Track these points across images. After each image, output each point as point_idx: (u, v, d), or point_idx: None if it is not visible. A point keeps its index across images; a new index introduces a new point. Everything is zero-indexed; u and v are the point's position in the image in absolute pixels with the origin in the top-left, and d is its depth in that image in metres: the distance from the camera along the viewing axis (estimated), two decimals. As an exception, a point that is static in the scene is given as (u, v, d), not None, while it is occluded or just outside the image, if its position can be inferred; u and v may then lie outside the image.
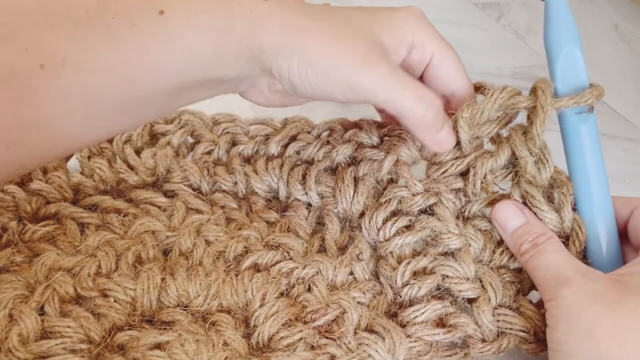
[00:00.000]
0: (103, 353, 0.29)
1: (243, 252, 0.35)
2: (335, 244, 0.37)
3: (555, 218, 0.33)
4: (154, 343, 0.30)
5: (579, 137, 0.33)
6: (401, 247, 0.35)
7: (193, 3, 0.28)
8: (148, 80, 0.28)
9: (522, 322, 0.32)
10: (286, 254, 0.35)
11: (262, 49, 0.30)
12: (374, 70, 0.30)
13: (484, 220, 0.36)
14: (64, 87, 0.26)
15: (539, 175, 0.33)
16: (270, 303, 0.32)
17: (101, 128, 0.29)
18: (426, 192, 0.36)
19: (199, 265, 0.34)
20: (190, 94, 0.31)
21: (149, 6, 0.28)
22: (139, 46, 0.27)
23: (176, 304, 0.32)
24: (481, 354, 0.32)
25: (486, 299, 0.32)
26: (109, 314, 0.31)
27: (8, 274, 0.32)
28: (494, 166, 0.34)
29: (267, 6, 0.30)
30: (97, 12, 0.27)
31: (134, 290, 0.32)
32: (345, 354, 0.30)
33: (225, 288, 0.33)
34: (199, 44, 0.28)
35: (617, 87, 0.64)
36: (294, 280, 0.34)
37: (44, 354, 0.29)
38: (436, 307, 0.32)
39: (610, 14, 0.79)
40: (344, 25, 0.31)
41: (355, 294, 0.33)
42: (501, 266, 0.34)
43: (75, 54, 0.26)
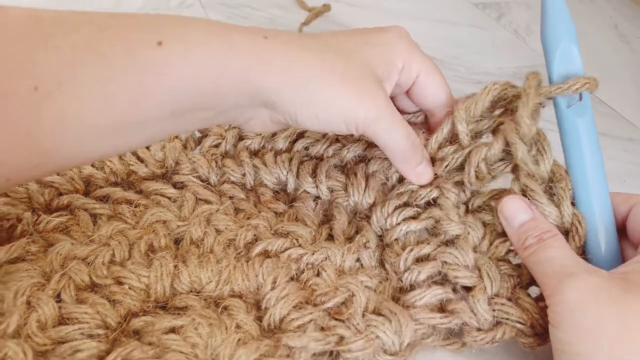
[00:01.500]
0: (119, 338, 0.30)
1: (253, 240, 0.36)
2: (343, 234, 0.37)
3: (554, 212, 0.33)
4: (168, 327, 0.30)
5: (575, 131, 0.33)
6: (406, 235, 0.36)
7: (192, 35, 0.29)
8: (141, 108, 0.28)
9: (518, 313, 0.32)
10: (295, 241, 0.36)
11: (262, 86, 0.30)
12: (369, 104, 0.32)
13: (488, 213, 0.36)
14: (58, 111, 0.26)
15: (534, 166, 0.33)
16: (281, 286, 0.33)
17: (90, 152, 0.29)
18: (430, 186, 0.37)
19: (210, 253, 0.35)
20: (185, 121, 0.31)
21: (148, 36, 0.28)
22: (134, 76, 0.27)
23: (189, 290, 0.33)
24: (475, 343, 0.32)
25: (482, 287, 0.33)
26: (124, 300, 0.32)
27: (24, 262, 0.32)
28: (487, 155, 0.35)
29: (267, 43, 0.30)
30: (96, 40, 0.27)
31: (147, 278, 0.33)
32: (353, 335, 0.31)
33: (237, 274, 0.34)
34: (195, 77, 0.28)
35: (617, 87, 0.65)
36: (304, 265, 0.35)
37: (62, 339, 0.29)
38: (437, 292, 0.33)
39: (610, 14, 0.80)
40: (341, 57, 0.32)
41: (363, 278, 0.34)
42: (501, 259, 0.35)
43: (71, 79, 0.26)
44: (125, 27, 0.28)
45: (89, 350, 0.29)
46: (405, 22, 0.71)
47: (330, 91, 0.31)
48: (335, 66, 0.32)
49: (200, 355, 0.29)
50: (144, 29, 0.28)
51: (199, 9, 0.65)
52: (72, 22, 0.27)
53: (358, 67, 0.33)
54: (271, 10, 0.67)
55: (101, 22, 0.28)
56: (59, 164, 0.29)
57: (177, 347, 0.29)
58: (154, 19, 0.29)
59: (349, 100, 0.32)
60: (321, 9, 0.66)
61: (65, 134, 0.27)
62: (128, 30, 0.28)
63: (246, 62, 0.29)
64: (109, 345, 0.30)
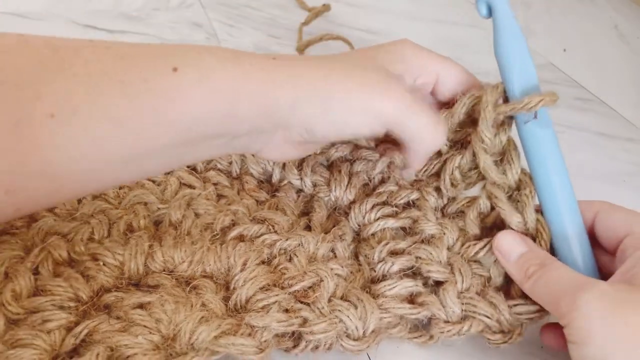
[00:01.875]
0: (89, 311, 0.31)
1: (230, 224, 0.37)
2: (321, 226, 0.38)
3: (517, 218, 0.34)
4: (137, 303, 0.31)
5: (536, 143, 0.34)
6: (383, 230, 0.37)
7: (206, 62, 0.29)
8: (157, 133, 0.28)
9: (487, 308, 0.33)
10: (271, 227, 0.37)
11: (278, 104, 0.31)
12: (396, 97, 0.32)
13: (462, 219, 0.37)
14: (72, 136, 0.27)
15: (496, 175, 0.35)
16: (250, 268, 0.33)
17: (103, 179, 0.30)
18: (411, 188, 0.38)
19: (187, 235, 0.35)
20: (200, 149, 0.31)
21: (163, 63, 0.28)
22: (150, 102, 0.28)
23: (162, 269, 0.34)
24: (442, 334, 0.33)
25: (453, 282, 0.34)
26: (98, 276, 0.32)
27: (7, 235, 0.34)
28: (460, 163, 0.37)
29: (277, 64, 0.31)
30: (113, 68, 0.28)
31: (122, 256, 0.33)
32: (317, 318, 0.31)
33: (209, 255, 0.34)
34: (210, 102, 0.29)
35: (617, 87, 0.65)
36: (276, 251, 0.35)
37: (34, 309, 0.30)
38: (407, 284, 0.34)
39: (610, 14, 0.79)
40: (354, 64, 0.33)
41: (334, 266, 0.34)
42: (472, 260, 0.35)
43: (87, 106, 0.27)
44: (141, 55, 0.29)
45: (58, 321, 0.30)
46: (405, 22, 0.73)
47: (350, 95, 0.32)
48: (351, 71, 0.32)
49: (164, 330, 0.30)
50: (160, 56, 0.29)
51: (199, 8, 0.67)
52: (89, 51, 0.28)
53: (375, 68, 0.33)
54: (271, 10, 0.69)
55: (118, 51, 0.29)
56: (71, 193, 0.30)
57: (142, 321, 0.30)
58: (170, 47, 0.30)
59: (373, 98, 0.32)
60: (321, 9, 0.66)
61: (79, 161, 0.27)
62: (144, 57, 0.29)
63: (261, 84, 0.30)
64: (78, 317, 0.30)
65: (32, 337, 0.28)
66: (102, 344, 0.29)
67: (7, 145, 0.26)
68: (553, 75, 0.65)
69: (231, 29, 0.64)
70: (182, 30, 0.62)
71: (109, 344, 0.29)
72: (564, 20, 0.78)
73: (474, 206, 0.36)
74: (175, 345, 0.29)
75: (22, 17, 0.59)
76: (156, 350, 0.29)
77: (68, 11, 0.62)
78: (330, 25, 0.67)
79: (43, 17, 0.60)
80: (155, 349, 0.29)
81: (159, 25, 0.62)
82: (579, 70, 0.66)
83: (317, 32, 0.64)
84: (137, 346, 0.29)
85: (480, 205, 0.36)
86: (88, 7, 0.63)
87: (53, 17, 0.60)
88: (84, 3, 0.63)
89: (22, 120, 0.26)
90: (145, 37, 0.60)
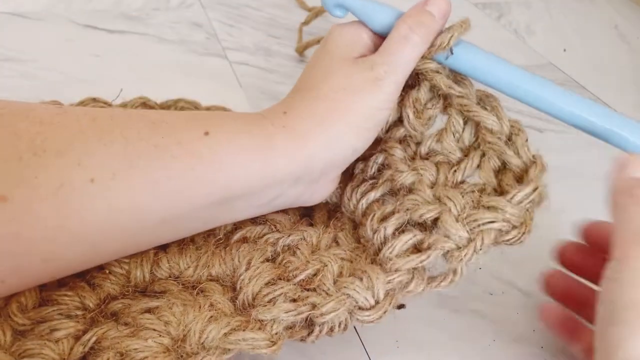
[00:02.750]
0: (97, 318, 0.31)
1: (233, 229, 0.37)
2: (323, 224, 0.38)
3: (493, 119, 0.35)
4: (144, 308, 0.31)
5: (468, 64, 0.35)
6: (370, 206, 0.37)
7: (234, 126, 0.32)
8: (192, 193, 0.30)
9: (487, 214, 0.32)
10: (274, 227, 0.37)
11: (310, 154, 0.32)
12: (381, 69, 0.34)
13: (438, 155, 0.37)
14: (112, 200, 0.28)
15: (460, 89, 0.35)
16: (255, 266, 0.33)
17: (138, 241, 0.31)
18: (375, 152, 0.38)
19: (191, 242, 0.35)
20: (234, 210, 0.33)
21: (195, 127, 0.31)
22: (185, 163, 0.29)
23: (168, 276, 0.34)
24: (461, 263, 0.31)
25: (447, 210, 0.33)
26: (104, 284, 0.32)
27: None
28: (418, 96, 0.37)
29: (292, 117, 0.33)
30: (148, 133, 0.29)
31: (128, 264, 0.33)
32: (324, 299, 0.31)
33: (214, 259, 0.34)
34: (244, 161, 0.31)
35: (617, 87, 0.65)
36: (280, 249, 0.35)
37: (41, 319, 0.30)
38: (405, 238, 0.33)
39: (610, 14, 0.80)
40: (336, 77, 0.34)
41: (337, 251, 0.34)
42: (459, 182, 0.35)
43: (125, 169, 0.28)
44: (174, 120, 0.31)
45: (65, 329, 0.30)
46: (405, 22, 0.73)
47: (359, 102, 0.33)
48: (345, 87, 0.34)
49: (173, 332, 0.30)
50: (192, 121, 0.31)
51: (199, 8, 0.66)
52: (125, 118, 0.30)
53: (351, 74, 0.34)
54: (271, 10, 0.68)
55: (151, 117, 0.31)
56: (107, 257, 0.31)
57: (151, 325, 0.30)
58: (200, 113, 0.33)
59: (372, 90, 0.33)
60: (321, 9, 0.66)
61: (116, 224, 0.28)
62: (177, 123, 0.31)
63: (287, 140, 0.32)
64: (86, 325, 0.30)
65: (41, 346, 0.28)
66: (111, 350, 0.29)
67: (48, 212, 0.26)
68: (553, 75, 0.65)
69: (231, 29, 0.64)
70: (182, 30, 0.62)
71: (119, 349, 0.29)
72: (564, 20, 0.78)
73: (447, 128, 0.36)
74: (186, 346, 0.29)
75: (22, 17, 0.59)
76: (167, 352, 0.29)
77: (68, 11, 0.61)
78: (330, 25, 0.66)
79: (43, 17, 0.60)
80: (165, 351, 0.29)
81: (159, 25, 0.62)
82: (579, 70, 0.66)
83: (317, 32, 0.64)
84: (147, 349, 0.29)
85: (453, 123, 0.36)
86: (88, 7, 0.63)
87: (53, 17, 0.60)
88: (84, 3, 0.63)
89: (63, 185, 0.27)
90: (145, 37, 0.60)
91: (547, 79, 0.35)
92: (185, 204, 0.30)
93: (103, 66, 0.55)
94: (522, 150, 0.34)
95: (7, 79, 0.51)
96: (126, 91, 0.44)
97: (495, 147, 0.35)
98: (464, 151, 0.37)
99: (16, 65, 0.53)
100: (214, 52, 0.60)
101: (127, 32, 0.60)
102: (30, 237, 0.26)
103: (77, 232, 0.27)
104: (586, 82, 0.64)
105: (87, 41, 0.58)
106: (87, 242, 0.28)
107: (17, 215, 0.26)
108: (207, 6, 0.67)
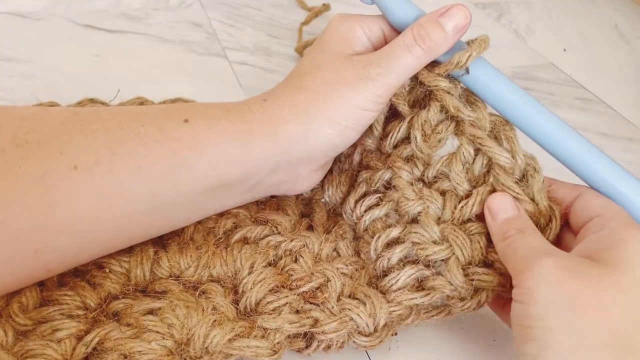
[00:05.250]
0: (99, 318, 0.31)
1: (232, 227, 0.37)
2: (322, 226, 0.38)
3: (506, 154, 0.33)
4: (147, 309, 0.31)
5: (484, 82, 0.34)
6: (373, 223, 0.36)
7: (213, 113, 0.32)
8: (177, 179, 0.30)
9: (497, 279, 0.32)
10: (274, 228, 0.37)
11: (291, 138, 0.32)
12: (373, 70, 0.33)
13: (444, 181, 0.35)
14: (96, 186, 0.28)
15: (471, 112, 0.34)
16: (258, 271, 0.33)
17: (131, 232, 0.31)
18: (382, 166, 0.37)
19: (190, 240, 0.35)
20: (221, 197, 0.33)
21: (174, 116, 0.31)
22: (167, 148, 0.30)
23: (168, 275, 0.34)
24: (462, 311, 0.33)
25: (455, 259, 0.33)
26: (104, 283, 0.32)
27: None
28: (427, 117, 0.35)
29: (271, 104, 0.33)
30: (128, 122, 0.30)
31: (128, 263, 0.33)
32: (327, 318, 0.31)
33: (215, 259, 0.34)
34: (223, 145, 0.31)
35: (617, 87, 0.65)
36: (282, 252, 0.35)
37: (43, 319, 0.30)
38: (410, 272, 0.33)
39: (610, 14, 0.80)
40: (324, 71, 0.34)
41: (339, 265, 0.34)
42: (466, 220, 0.34)
43: (107, 156, 0.29)
44: (153, 111, 0.32)
45: (67, 329, 0.30)
46: (405, 22, 0.72)
47: (342, 93, 0.33)
48: (329, 78, 0.33)
49: (176, 335, 0.30)
50: (170, 111, 0.32)
51: (199, 8, 0.66)
52: (105, 112, 0.31)
53: (341, 64, 0.34)
54: (271, 10, 0.68)
55: (132, 110, 0.31)
56: (99, 248, 0.31)
57: (154, 327, 0.30)
58: (179, 104, 0.34)
59: (357, 85, 0.33)
60: (321, 9, 0.66)
61: (105, 211, 0.29)
62: (157, 113, 0.31)
63: (266, 126, 0.32)
64: (88, 325, 0.30)
65: (43, 347, 0.28)
66: (114, 352, 0.29)
67: (34, 199, 0.27)
68: (553, 75, 0.65)
69: (231, 28, 0.64)
70: (181, 30, 0.62)
71: (122, 351, 0.29)
72: (564, 20, 0.78)
73: (456, 157, 0.35)
74: (189, 350, 0.30)
75: (22, 17, 0.59)
76: (170, 355, 0.29)
77: (68, 11, 0.61)
78: (331, 24, 0.66)
79: (43, 17, 0.60)
80: (169, 354, 0.29)
81: (159, 25, 0.62)
82: (579, 70, 0.66)
83: (317, 32, 0.64)
84: (151, 352, 0.29)
85: (463, 153, 0.34)
86: (88, 7, 0.63)
87: (53, 17, 0.60)
88: (83, 3, 0.63)
89: (47, 173, 0.27)
90: (145, 37, 0.60)
91: (567, 124, 0.33)
92: (170, 189, 0.30)
93: (103, 66, 0.55)
94: (539, 196, 0.33)
95: (7, 79, 0.51)
96: (126, 91, 0.44)
97: (508, 191, 0.33)
98: (473, 182, 0.35)
99: (16, 65, 0.53)
100: (214, 52, 0.60)
101: (126, 32, 0.60)
102: (18, 226, 0.27)
103: (63, 220, 0.28)
104: (586, 82, 0.64)
105: (86, 41, 0.58)
106: (76, 231, 0.28)
107: (3, 204, 0.26)
108: (207, 6, 0.67)
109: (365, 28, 0.35)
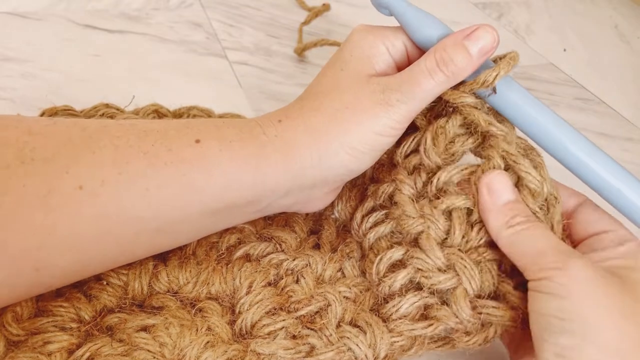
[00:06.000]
0: (92, 332, 0.31)
1: (236, 243, 0.36)
2: (330, 244, 0.37)
3: (536, 177, 0.31)
4: (140, 325, 0.31)
5: (514, 104, 0.32)
6: (377, 241, 0.35)
7: (225, 134, 0.31)
8: (185, 202, 0.29)
9: (508, 314, 0.30)
10: (278, 246, 0.36)
11: (304, 165, 0.31)
12: (393, 96, 0.31)
13: (451, 197, 0.32)
14: (101, 207, 0.27)
15: (502, 128, 0.32)
16: (256, 291, 0.33)
17: (134, 251, 0.30)
18: (388, 180, 0.36)
19: (192, 255, 0.35)
20: (230, 218, 0.32)
21: (186, 135, 0.30)
22: (176, 169, 0.29)
23: (166, 290, 0.33)
24: (467, 346, 0.31)
25: (462, 290, 0.30)
26: (101, 296, 0.32)
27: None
28: (446, 125, 0.33)
29: (286, 126, 0.32)
30: (137, 141, 0.29)
31: (126, 275, 0.33)
32: (324, 346, 0.30)
33: (215, 276, 0.34)
34: (234, 170, 0.30)
35: (617, 87, 0.65)
36: (283, 271, 0.34)
37: (35, 330, 0.30)
38: (413, 300, 0.31)
39: (610, 14, 0.80)
40: (342, 93, 0.32)
41: (342, 289, 0.33)
42: (479, 245, 0.32)
43: (114, 176, 0.28)
44: (165, 128, 0.30)
45: (59, 342, 0.29)
46: (405, 22, 0.72)
47: (356, 118, 0.31)
48: (345, 100, 0.32)
49: (167, 355, 0.29)
50: (183, 129, 0.31)
51: (199, 8, 0.66)
52: (115, 128, 0.30)
53: (359, 86, 0.32)
54: (271, 10, 0.68)
55: (142, 127, 0.30)
56: (100, 266, 0.30)
57: (145, 345, 0.29)
58: (190, 122, 0.32)
59: (375, 110, 0.31)
60: (321, 9, 0.66)
61: (108, 231, 0.28)
62: (168, 131, 0.30)
63: (279, 150, 0.31)
64: (80, 339, 0.30)
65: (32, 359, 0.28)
66: None
67: (37, 219, 0.26)
68: (553, 75, 0.65)
69: (231, 28, 0.64)
70: (181, 30, 0.62)
71: None
72: (564, 20, 0.78)
73: (484, 170, 0.32)
74: None
75: (22, 17, 0.59)
76: None
77: (68, 11, 0.61)
78: (330, 25, 0.66)
79: (43, 17, 0.60)
80: (159, 373, 0.29)
81: (159, 25, 0.62)
82: (579, 70, 0.66)
83: (317, 32, 0.64)
84: None
85: (494, 167, 0.31)
86: (88, 7, 0.63)
87: (53, 17, 0.60)
88: (83, 3, 0.63)
89: (51, 192, 0.26)
90: (145, 37, 0.60)
91: (601, 150, 0.32)
92: (177, 211, 0.29)
93: (103, 66, 0.55)
94: (557, 227, 0.32)
95: (7, 79, 0.51)
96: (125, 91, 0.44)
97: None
98: None
99: (16, 65, 0.52)
100: (214, 52, 0.60)
101: (126, 32, 0.60)
102: (19, 246, 0.26)
103: (66, 239, 0.27)
104: (586, 82, 0.64)
105: (87, 41, 0.58)
106: (78, 249, 0.28)
107: (5, 222, 0.26)
108: (207, 6, 0.67)
109: (389, 44, 0.33)
